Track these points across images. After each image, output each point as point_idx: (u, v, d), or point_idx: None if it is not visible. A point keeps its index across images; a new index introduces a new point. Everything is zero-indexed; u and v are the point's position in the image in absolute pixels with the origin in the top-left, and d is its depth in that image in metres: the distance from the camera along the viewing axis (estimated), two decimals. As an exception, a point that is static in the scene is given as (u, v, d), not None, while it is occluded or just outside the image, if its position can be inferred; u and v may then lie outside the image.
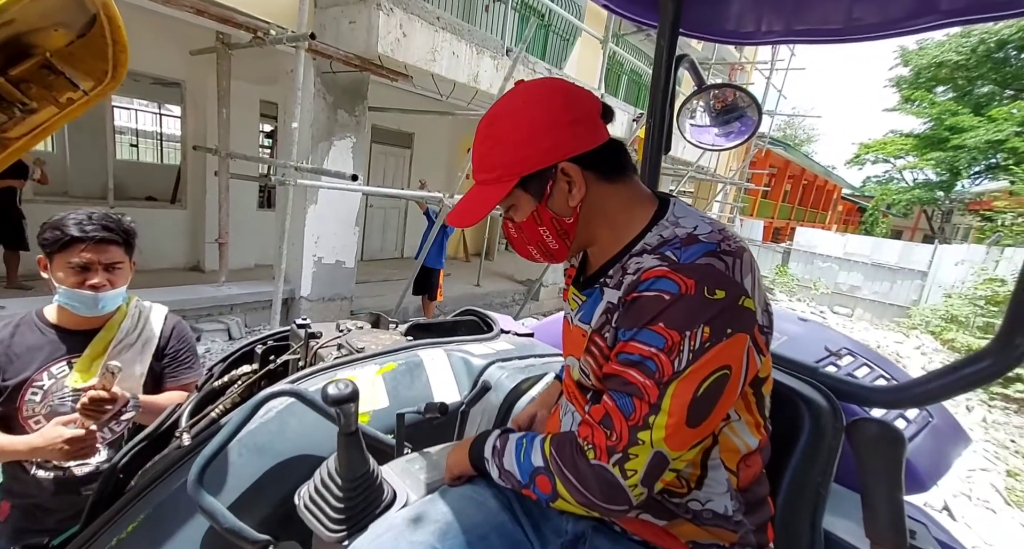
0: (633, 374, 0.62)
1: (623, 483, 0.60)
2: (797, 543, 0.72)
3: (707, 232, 0.66)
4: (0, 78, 0.73)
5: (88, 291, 1.13)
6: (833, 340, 1.23)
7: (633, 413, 0.61)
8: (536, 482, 0.69)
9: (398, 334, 1.53)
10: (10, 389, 1.11)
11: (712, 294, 0.59)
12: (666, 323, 0.60)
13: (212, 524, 0.81)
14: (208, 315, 4.85)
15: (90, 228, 1.12)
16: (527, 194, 0.72)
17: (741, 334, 0.60)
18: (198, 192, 5.98)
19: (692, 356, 0.59)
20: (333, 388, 0.70)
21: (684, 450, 0.61)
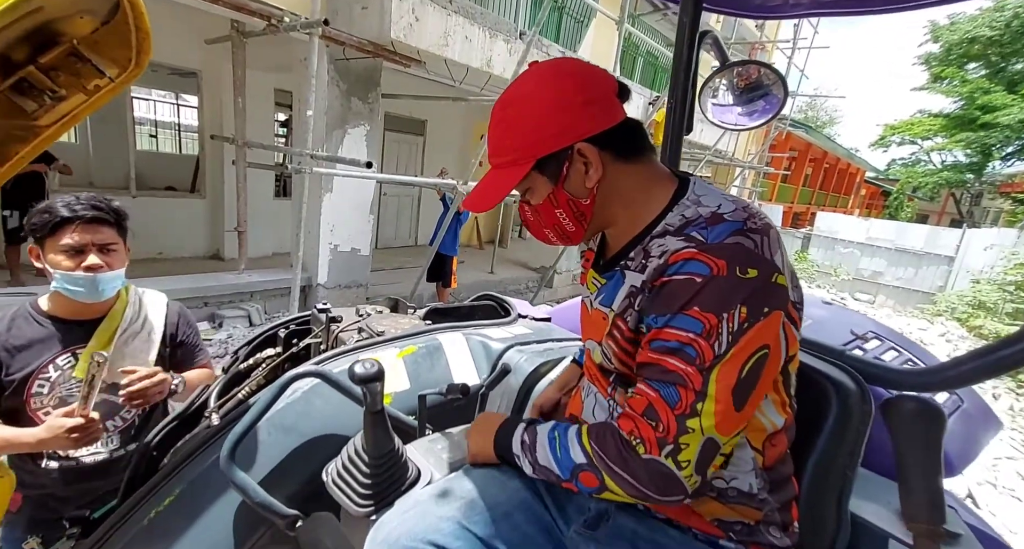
0: (673, 362, 0.61)
1: (678, 474, 0.59)
2: (823, 525, 0.72)
3: (731, 210, 0.65)
4: (31, 66, 0.74)
5: (85, 273, 1.09)
6: (859, 323, 1.20)
7: (679, 402, 0.60)
8: (579, 478, 0.67)
9: (417, 318, 1.54)
10: (15, 383, 1.10)
11: (744, 273, 0.58)
12: (701, 306, 0.59)
13: (244, 498, 0.84)
14: (229, 302, 4.95)
15: (79, 208, 1.09)
16: (543, 176, 0.71)
17: (777, 311, 0.59)
18: (216, 181, 6.06)
19: (731, 338, 0.58)
20: (360, 367, 0.71)
21: (733, 434, 0.60)
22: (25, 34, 0.70)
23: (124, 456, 1.25)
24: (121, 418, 1.23)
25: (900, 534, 0.74)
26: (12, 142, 0.82)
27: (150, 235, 5.73)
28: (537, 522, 0.77)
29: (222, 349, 4.23)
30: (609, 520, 0.71)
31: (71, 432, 1.01)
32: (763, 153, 11.54)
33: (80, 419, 1.02)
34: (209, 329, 4.59)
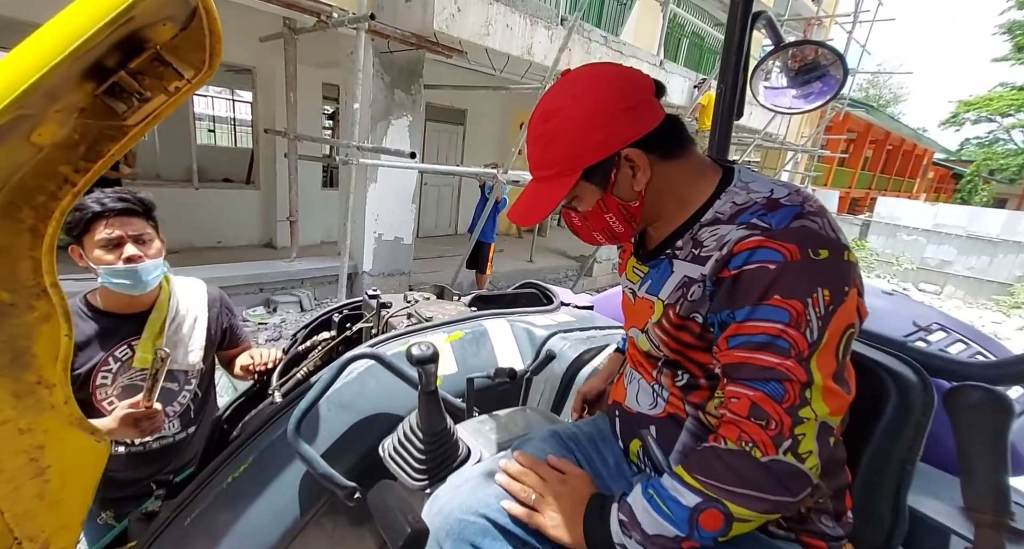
0: (767, 358, 0.59)
1: (802, 468, 0.58)
2: (880, 518, 0.70)
3: (786, 195, 0.65)
4: (121, 71, 0.81)
5: (127, 265, 1.14)
6: (923, 314, 1.14)
7: (786, 395, 0.58)
8: (700, 524, 0.61)
9: (462, 305, 1.59)
10: (81, 378, 1.16)
11: (817, 255, 0.59)
12: (782, 294, 0.58)
13: (308, 469, 0.91)
14: (282, 288, 5.21)
15: (107, 201, 1.13)
16: (591, 185, 0.72)
17: (854, 289, 0.60)
18: (269, 173, 6.35)
19: (821, 323, 0.57)
20: (416, 349, 0.75)
21: (842, 414, 0.60)
22: (117, 42, 0.77)
23: (186, 438, 1.35)
24: (178, 403, 1.32)
25: (962, 530, 0.71)
26: (105, 141, 0.90)
27: (210, 225, 6.10)
28: None
29: (276, 332, 4.47)
30: None
31: (137, 422, 1.08)
32: (818, 136, 10.91)
33: (145, 410, 1.09)
34: (264, 313, 4.86)
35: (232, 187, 6.98)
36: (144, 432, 1.12)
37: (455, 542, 0.71)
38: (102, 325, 1.22)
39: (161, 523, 0.94)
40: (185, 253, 5.65)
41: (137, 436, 1.13)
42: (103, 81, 0.80)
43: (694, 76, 7.90)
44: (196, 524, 0.92)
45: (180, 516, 0.93)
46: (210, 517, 0.93)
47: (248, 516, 0.92)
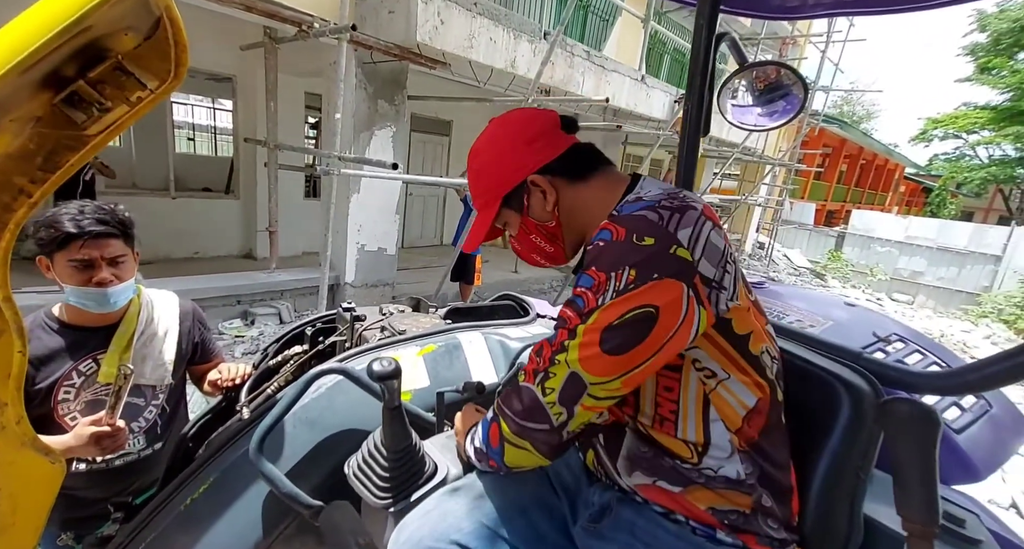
0: (566, 311, 0.68)
1: (542, 400, 0.66)
2: (835, 527, 0.71)
3: (654, 194, 0.71)
4: (81, 81, 0.80)
5: (96, 288, 1.11)
6: (882, 325, 1.17)
7: (555, 339, 0.68)
8: (490, 439, 0.75)
9: (437, 317, 1.58)
10: (42, 393, 1.13)
11: (640, 240, 0.64)
12: (597, 266, 0.65)
13: (271, 488, 0.89)
14: (261, 300, 5.12)
15: (85, 222, 1.08)
16: (511, 210, 0.83)
17: (672, 280, 0.62)
18: (250, 183, 6.28)
19: (615, 294, 0.63)
20: (378, 365, 0.74)
21: (605, 378, 0.64)
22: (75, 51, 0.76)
23: (152, 454, 1.30)
24: (144, 419, 1.27)
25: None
26: (63, 151, 0.89)
27: (188, 235, 5.98)
28: (553, 518, 0.80)
29: (254, 346, 4.38)
30: (611, 513, 0.74)
31: (98, 440, 1.04)
32: (794, 150, 11.21)
33: (107, 427, 1.04)
34: (242, 326, 4.76)
35: (211, 197, 6.87)
36: (106, 450, 1.07)
37: None
38: (68, 339, 1.18)
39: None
40: (161, 264, 5.53)
41: (98, 454, 1.09)
42: (61, 90, 0.79)
43: (675, 91, 8.08)
44: None
45: (134, 541, 0.90)
46: (167, 541, 0.89)
47: (208, 540, 0.89)
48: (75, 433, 1.05)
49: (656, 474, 0.70)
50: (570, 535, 0.78)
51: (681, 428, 0.69)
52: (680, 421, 0.69)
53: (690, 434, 0.69)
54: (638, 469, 0.72)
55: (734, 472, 0.67)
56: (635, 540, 0.67)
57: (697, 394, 0.68)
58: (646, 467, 0.71)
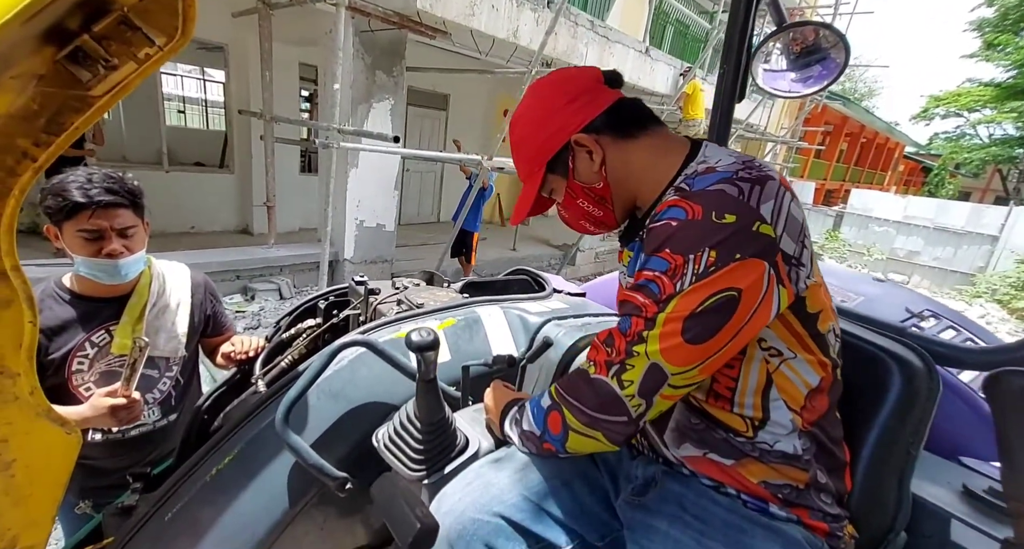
0: (637, 297, 0.63)
1: (620, 393, 0.62)
2: (884, 502, 0.70)
3: (728, 163, 0.65)
4: (85, 35, 0.74)
5: (107, 260, 1.09)
6: (914, 301, 1.15)
7: (630, 329, 0.63)
8: (548, 425, 0.72)
9: (453, 291, 1.55)
10: (56, 363, 1.12)
11: (720, 218, 0.59)
12: (671, 248, 0.60)
13: (298, 460, 0.87)
14: (260, 275, 5.07)
15: (94, 192, 1.05)
16: (557, 175, 0.79)
17: (755, 260, 0.58)
18: (244, 157, 6.13)
19: (695, 278, 0.59)
20: (416, 335, 0.71)
21: (686, 367, 0.60)
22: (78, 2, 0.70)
23: (167, 426, 1.29)
24: (159, 390, 1.26)
25: (962, 514, 0.72)
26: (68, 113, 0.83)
27: (182, 210, 5.87)
28: (595, 491, 0.78)
29: (255, 321, 4.36)
30: (656, 485, 0.72)
31: (114, 411, 1.04)
32: (796, 127, 11.07)
33: (123, 399, 1.04)
34: (242, 301, 4.72)
35: (205, 171, 6.72)
36: (121, 422, 1.08)
37: (468, 543, 0.70)
38: (79, 309, 1.16)
39: (140, 518, 0.89)
40: (157, 239, 5.41)
41: (114, 425, 1.09)
42: (64, 45, 0.73)
43: (679, 64, 7.90)
44: (178, 518, 0.88)
45: (160, 510, 0.89)
46: (193, 511, 0.88)
47: (234, 509, 0.88)
48: (91, 404, 1.04)
49: (707, 446, 0.68)
50: (612, 508, 0.77)
51: (738, 404, 0.67)
52: (737, 397, 0.66)
53: (747, 410, 0.66)
54: (688, 441, 0.70)
55: (791, 447, 0.65)
56: (684, 512, 0.66)
57: (760, 373, 0.66)
58: (696, 439, 0.69)
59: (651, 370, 0.61)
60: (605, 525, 0.76)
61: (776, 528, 0.63)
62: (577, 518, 0.74)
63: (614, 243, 9.65)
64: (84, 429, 1.15)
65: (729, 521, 0.63)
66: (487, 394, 0.94)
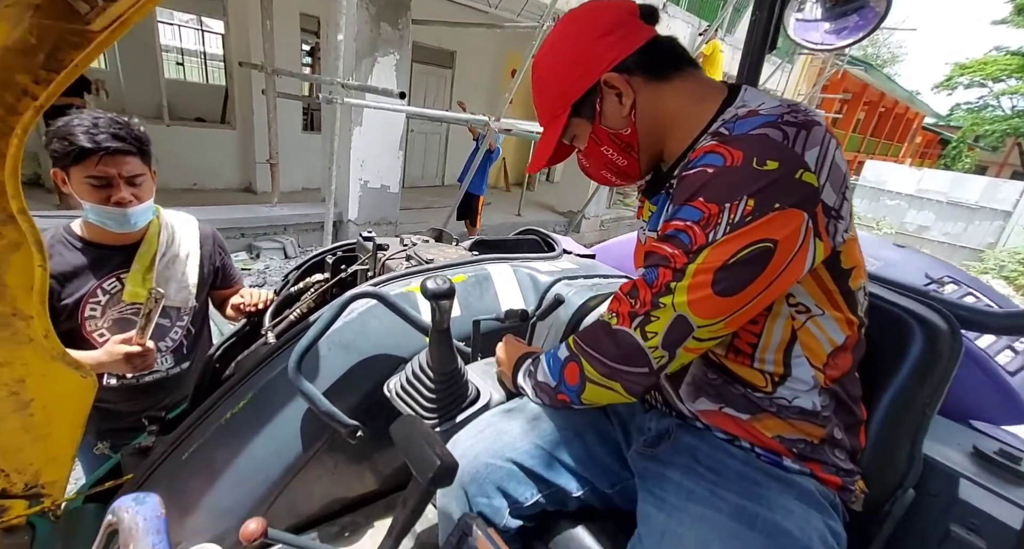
0: (665, 247, 0.61)
1: (643, 344, 0.61)
2: (896, 460, 0.71)
3: (772, 106, 0.60)
4: (81, -37, 0.69)
5: (116, 208, 1.08)
6: (934, 267, 1.13)
7: (657, 280, 0.61)
8: (565, 377, 0.71)
9: (463, 249, 1.53)
10: (68, 309, 1.13)
11: (762, 165, 0.55)
12: (706, 197, 0.57)
13: (310, 406, 0.88)
14: (264, 234, 5.05)
15: (101, 137, 1.03)
16: (582, 119, 0.73)
17: (794, 210, 0.55)
18: (246, 112, 6.00)
19: (729, 228, 0.56)
20: (432, 283, 0.70)
21: (713, 320, 0.58)
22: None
23: (180, 374, 1.32)
24: (171, 339, 1.28)
25: (973, 475, 0.72)
26: (67, 48, 0.79)
27: (184, 166, 5.80)
28: (607, 442, 0.79)
29: (260, 279, 4.37)
30: (670, 438, 0.72)
31: (128, 358, 1.06)
32: (814, 94, 10.72)
33: (137, 347, 1.06)
34: (247, 259, 4.73)
35: (206, 126, 6.58)
36: (135, 369, 1.10)
37: (480, 485, 0.71)
38: (90, 256, 1.16)
39: (158, 457, 0.91)
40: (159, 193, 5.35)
41: (129, 372, 1.12)
42: (61, -27, 0.69)
43: (697, 23, 7.56)
44: (194, 458, 0.90)
45: (177, 451, 0.91)
46: (209, 452, 0.90)
47: (248, 452, 0.90)
48: (106, 350, 1.07)
49: (723, 401, 0.68)
50: (623, 459, 0.78)
51: (759, 359, 0.65)
52: (758, 353, 0.65)
53: (768, 366, 0.65)
54: (703, 395, 0.69)
55: (810, 403, 0.65)
56: (697, 464, 0.66)
57: (784, 329, 0.64)
58: (712, 394, 0.69)
59: (676, 322, 0.59)
60: (615, 474, 0.77)
61: (790, 480, 0.63)
62: (588, 466, 0.75)
63: (620, 211, 9.55)
64: (99, 374, 1.18)
65: (743, 473, 0.64)
66: (499, 347, 0.94)
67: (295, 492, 1.00)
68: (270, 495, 0.92)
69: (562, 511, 0.77)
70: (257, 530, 0.69)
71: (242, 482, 0.90)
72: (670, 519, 0.62)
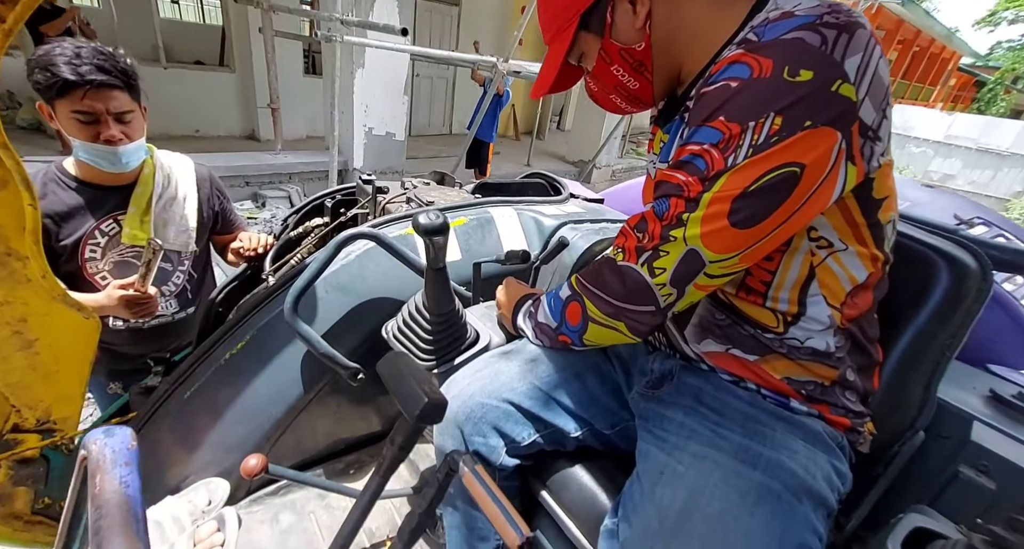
0: (677, 175, 0.54)
1: (650, 281, 0.57)
2: (909, 401, 0.68)
3: (809, 6, 0.51)
4: None
5: (106, 146, 1.04)
6: (964, 208, 1.07)
7: (667, 212, 0.55)
8: (566, 317, 0.68)
9: (465, 192, 1.48)
10: (68, 249, 1.11)
11: (794, 75, 0.47)
12: (727, 115, 0.50)
13: (309, 348, 0.87)
14: (269, 182, 4.99)
15: (85, 69, 0.97)
16: (591, 34, 0.65)
17: (827, 128, 0.48)
18: (244, 54, 5.76)
19: (751, 151, 0.49)
20: (424, 217, 0.66)
21: (727, 254, 0.54)
22: None
23: (185, 318, 1.32)
24: (173, 283, 1.28)
25: (987, 418, 0.70)
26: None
27: (185, 112, 5.65)
28: (606, 383, 0.77)
29: (267, 228, 4.36)
30: (673, 380, 0.70)
31: (128, 304, 1.06)
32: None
33: (137, 293, 1.06)
34: (253, 208, 4.70)
35: (205, 69, 6.35)
36: (137, 315, 1.11)
37: (476, 425, 0.70)
38: (85, 196, 1.13)
39: (160, 395, 0.92)
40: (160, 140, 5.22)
41: (131, 317, 1.13)
42: None
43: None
44: (196, 397, 0.91)
45: (179, 389, 0.92)
46: (211, 391, 0.91)
47: (251, 391, 0.91)
48: (106, 293, 1.07)
49: (730, 342, 0.65)
50: (623, 400, 0.76)
51: (772, 298, 0.61)
52: (772, 291, 0.61)
53: (781, 305, 0.61)
54: (710, 336, 0.66)
55: (823, 344, 0.61)
56: (700, 404, 0.64)
57: (802, 266, 0.59)
58: (719, 335, 0.66)
59: (687, 257, 0.54)
60: (615, 415, 0.76)
61: (797, 421, 0.61)
62: (587, 407, 0.74)
63: (632, 161, 9.25)
64: (104, 316, 1.18)
65: (748, 413, 0.62)
66: (500, 289, 0.91)
67: (299, 431, 1.02)
68: (274, 433, 0.93)
69: (560, 451, 0.76)
70: (258, 466, 0.70)
71: (245, 420, 0.91)
72: (670, 458, 0.60)
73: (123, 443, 0.32)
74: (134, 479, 0.31)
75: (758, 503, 0.54)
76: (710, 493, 0.55)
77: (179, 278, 1.29)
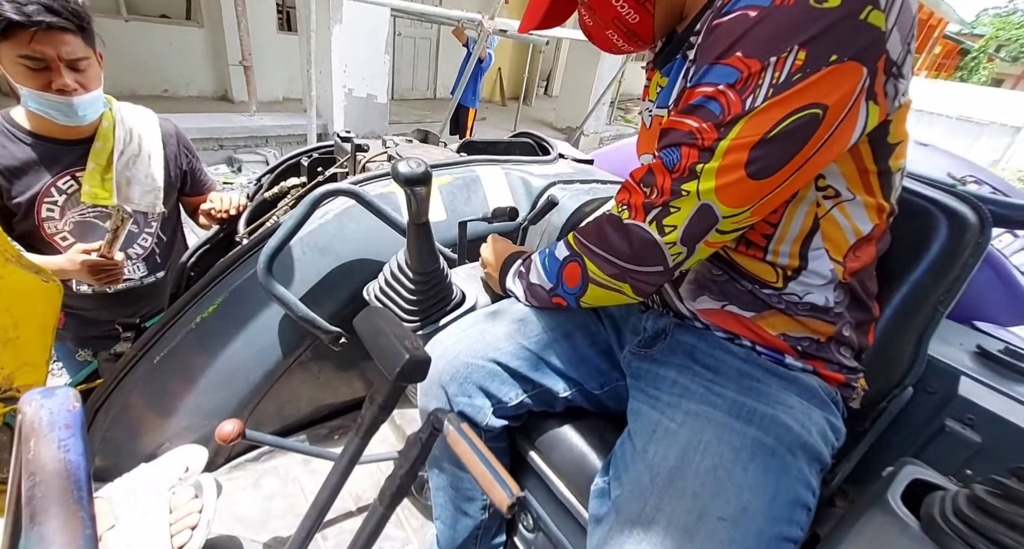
0: (689, 122, 0.49)
1: (659, 239, 0.53)
2: (898, 358, 0.68)
3: None
4: None
5: (59, 95, 0.96)
6: (957, 166, 1.05)
7: (678, 163, 0.50)
8: (564, 278, 0.64)
9: (450, 151, 1.42)
10: (23, 207, 1.04)
11: (821, 1, 0.42)
12: (745, 50, 0.45)
13: (286, 312, 0.83)
14: (245, 146, 4.79)
15: (31, 8, 0.88)
16: None
17: (854, 63, 0.43)
18: (213, 7, 5.41)
19: (772, 91, 0.45)
20: (405, 166, 0.61)
21: (742, 208, 0.50)
22: None
23: (155, 282, 1.26)
24: (139, 246, 1.21)
25: (974, 373, 0.70)
26: None
27: (151, 70, 5.34)
28: (597, 343, 0.75)
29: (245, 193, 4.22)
30: (667, 337, 0.68)
31: (92, 269, 1.00)
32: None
33: (100, 258, 1.00)
34: (229, 173, 4.53)
35: (171, 23, 5.96)
36: (103, 281, 1.05)
37: (461, 385, 0.68)
38: (38, 150, 1.05)
39: (128, 361, 0.88)
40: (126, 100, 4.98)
41: (96, 284, 1.07)
42: None
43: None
44: (167, 362, 0.87)
45: (148, 354, 0.87)
46: (183, 355, 0.87)
47: (225, 356, 0.87)
48: (67, 257, 1.01)
49: (726, 298, 0.63)
50: (614, 360, 0.75)
51: (772, 251, 0.58)
52: (773, 245, 0.58)
53: (781, 258, 0.58)
54: (706, 293, 0.64)
55: (823, 299, 0.59)
56: (694, 362, 0.63)
57: (806, 218, 0.56)
58: (716, 291, 0.63)
59: (700, 212, 0.50)
60: (605, 375, 0.75)
61: (792, 377, 0.60)
62: (576, 367, 0.72)
63: (620, 128, 9.10)
64: (66, 280, 1.12)
65: (742, 370, 0.60)
66: (484, 247, 0.87)
67: (281, 396, 0.99)
68: (252, 399, 0.90)
69: (548, 412, 0.75)
70: (233, 431, 0.67)
71: (221, 385, 0.88)
72: (663, 416, 0.59)
73: (63, 404, 0.28)
74: (76, 443, 0.27)
75: (752, 458, 0.53)
76: (703, 449, 0.54)
77: (146, 241, 1.22)
